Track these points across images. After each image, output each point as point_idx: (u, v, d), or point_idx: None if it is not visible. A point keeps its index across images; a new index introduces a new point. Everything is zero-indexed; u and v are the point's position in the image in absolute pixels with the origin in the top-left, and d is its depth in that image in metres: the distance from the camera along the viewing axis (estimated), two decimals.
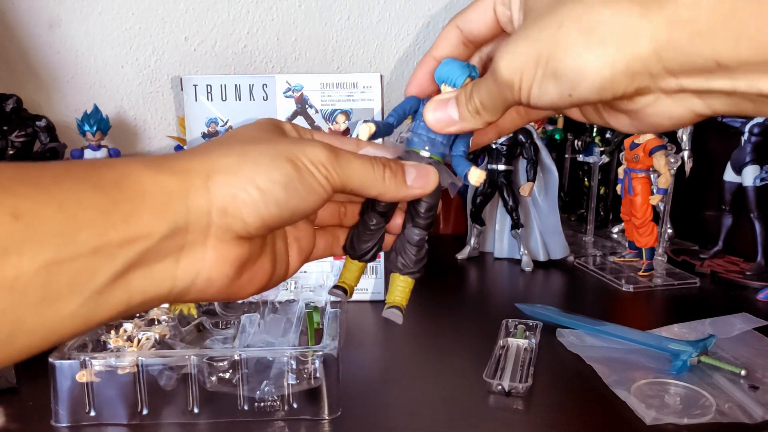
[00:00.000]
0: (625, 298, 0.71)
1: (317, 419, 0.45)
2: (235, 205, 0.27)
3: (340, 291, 0.36)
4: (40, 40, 0.96)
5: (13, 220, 0.21)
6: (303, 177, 0.28)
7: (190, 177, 0.26)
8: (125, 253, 0.24)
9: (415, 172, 0.33)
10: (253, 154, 0.28)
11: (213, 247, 0.27)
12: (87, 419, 0.45)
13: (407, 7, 1.07)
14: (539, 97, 0.28)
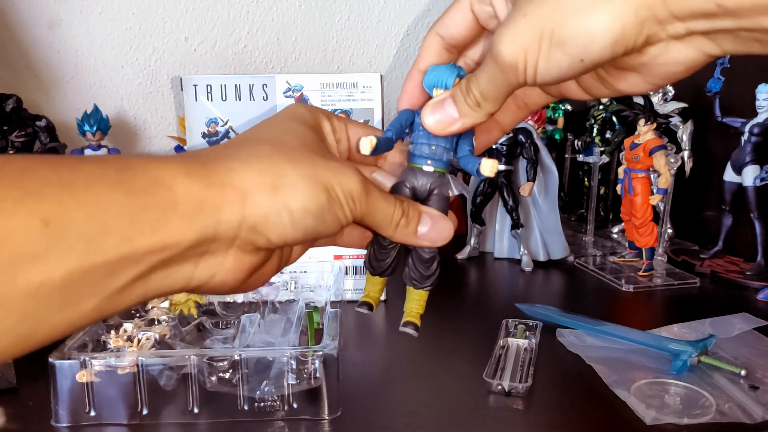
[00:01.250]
0: (625, 298, 0.71)
1: (317, 419, 0.45)
2: (265, 226, 0.27)
3: (365, 308, 0.36)
4: (40, 40, 0.96)
5: (43, 226, 0.21)
6: (332, 208, 0.28)
7: (226, 192, 0.26)
8: (150, 259, 0.24)
9: (430, 224, 0.33)
10: (291, 176, 0.28)
11: (233, 255, 0.27)
12: (87, 419, 0.45)
13: (407, 7, 1.07)
14: (548, 70, 0.27)
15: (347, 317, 0.64)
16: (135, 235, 0.23)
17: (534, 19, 0.27)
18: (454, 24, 0.32)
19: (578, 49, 0.26)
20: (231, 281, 0.28)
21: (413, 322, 0.36)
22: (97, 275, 0.23)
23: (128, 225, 0.23)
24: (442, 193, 0.34)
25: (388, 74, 1.09)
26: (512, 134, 0.81)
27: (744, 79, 0.76)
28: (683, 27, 0.26)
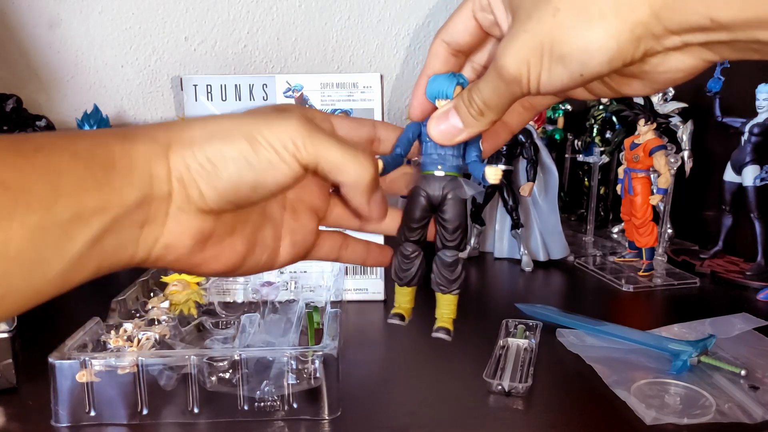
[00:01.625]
0: (625, 298, 0.71)
1: (317, 419, 0.45)
2: (189, 176, 0.28)
3: (396, 319, 0.37)
4: (41, 40, 0.96)
5: (3, 190, 0.23)
6: (260, 153, 0.28)
7: (153, 146, 0.28)
8: (99, 219, 0.25)
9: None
10: (211, 128, 0.29)
11: (174, 215, 0.28)
12: (87, 419, 0.45)
13: (407, 7, 1.07)
14: (550, 83, 0.28)
15: (347, 317, 0.64)
16: (82, 195, 0.25)
17: (534, 36, 0.28)
18: (458, 31, 0.33)
19: (577, 64, 0.27)
20: (175, 245, 0.29)
21: (445, 327, 0.37)
22: (56, 235, 0.24)
23: (77, 184, 0.25)
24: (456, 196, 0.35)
25: (388, 74, 1.09)
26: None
27: (744, 79, 0.76)
28: (679, 40, 0.26)
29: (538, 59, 0.28)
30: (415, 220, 0.35)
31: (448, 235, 0.35)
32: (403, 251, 0.36)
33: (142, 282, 0.61)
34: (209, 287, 0.63)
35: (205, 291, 0.61)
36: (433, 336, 0.36)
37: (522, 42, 0.28)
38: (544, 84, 0.28)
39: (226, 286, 0.65)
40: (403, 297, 0.38)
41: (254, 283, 0.64)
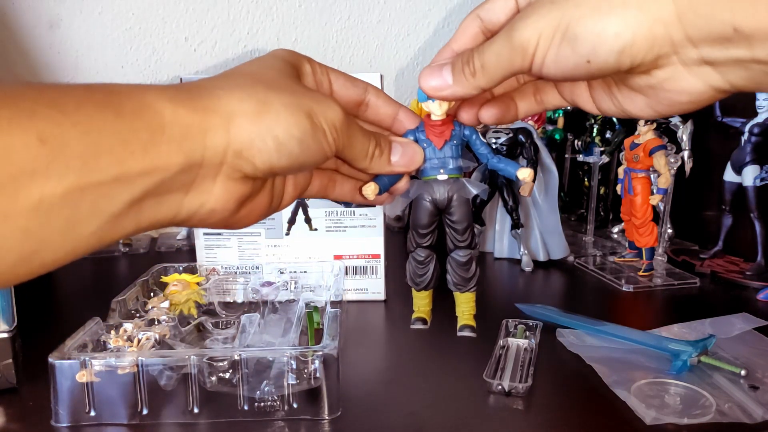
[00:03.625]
0: (625, 298, 0.71)
1: (317, 419, 0.45)
2: (250, 151, 0.28)
3: (419, 324, 0.38)
4: (40, 40, 0.96)
5: (40, 144, 0.21)
6: (317, 135, 0.29)
7: (210, 116, 0.27)
8: (142, 182, 0.25)
9: (400, 151, 0.34)
10: (275, 104, 0.28)
11: (221, 183, 0.28)
12: (87, 419, 0.45)
13: (407, 7, 1.07)
14: (555, 62, 0.28)
15: (347, 317, 0.64)
16: (127, 156, 0.24)
17: (555, 9, 0.27)
18: (496, 9, 0.33)
19: (587, 48, 0.27)
20: (220, 210, 0.29)
21: (469, 324, 0.37)
22: (95, 195, 0.23)
23: (120, 145, 0.24)
24: (461, 197, 0.35)
25: (388, 74, 1.09)
26: (512, 134, 0.81)
27: None
28: (695, 53, 0.26)
29: (550, 34, 0.27)
30: (424, 226, 0.35)
31: (459, 236, 0.35)
32: (417, 257, 0.37)
33: (142, 282, 0.61)
34: (209, 287, 0.63)
35: (205, 291, 0.61)
36: (459, 335, 0.37)
37: (541, 14, 0.28)
38: (549, 62, 0.28)
39: (226, 286, 0.65)
40: (421, 301, 0.38)
41: (254, 283, 0.64)
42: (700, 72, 0.26)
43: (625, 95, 0.31)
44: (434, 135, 0.35)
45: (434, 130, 0.35)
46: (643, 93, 0.29)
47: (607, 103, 0.32)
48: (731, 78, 0.26)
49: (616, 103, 0.32)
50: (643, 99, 0.30)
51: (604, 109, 0.33)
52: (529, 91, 0.36)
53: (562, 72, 0.28)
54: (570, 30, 0.27)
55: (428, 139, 0.35)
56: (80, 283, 0.77)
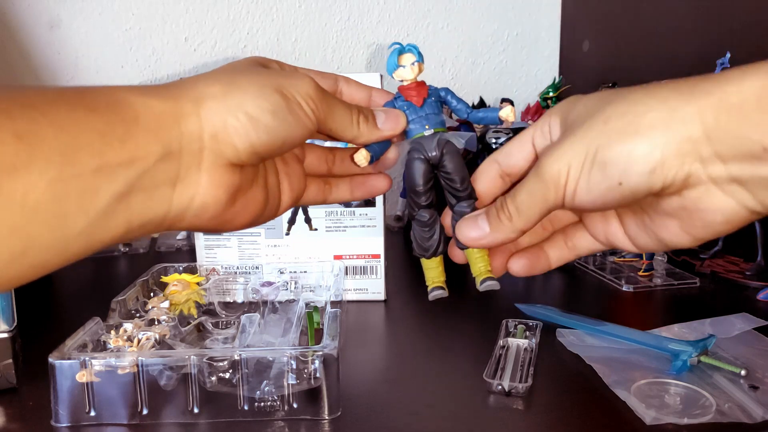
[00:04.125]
0: (625, 298, 0.71)
1: (317, 419, 0.45)
2: (225, 131, 0.28)
3: (439, 290, 0.37)
4: (41, 40, 0.96)
5: (17, 140, 0.22)
6: (291, 107, 0.29)
7: (181, 102, 0.27)
8: (124, 173, 0.25)
9: (384, 116, 0.35)
10: (241, 82, 0.29)
11: (207, 171, 0.28)
12: (87, 419, 0.45)
13: (407, 8, 1.07)
14: (587, 190, 0.28)
15: (347, 317, 0.64)
16: (105, 149, 0.24)
17: (582, 141, 0.28)
18: (514, 156, 0.34)
19: (618, 171, 0.27)
20: (212, 202, 0.28)
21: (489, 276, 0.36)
22: (78, 189, 0.23)
23: (97, 139, 0.24)
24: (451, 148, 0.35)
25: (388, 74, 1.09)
26: (512, 134, 0.81)
27: None
28: (725, 171, 0.25)
29: (579, 163, 0.28)
30: (421, 184, 0.35)
31: (458, 186, 0.35)
32: (420, 219, 0.36)
33: (142, 282, 0.61)
34: (209, 287, 0.63)
35: (205, 291, 0.61)
36: (481, 289, 0.36)
37: (567, 146, 0.28)
38: (581, 190, 0.28)
39: (226, 286, 0.65)
40: (432, 271, 0.37)
41: (254, 283, 0.64)
42: (731, 190, 0.26)
43: (657, 223, 0.30)
44: (412, 97, 0.36)
45: (411, 92, 0.36)
46: (676, 217, 0.29)
47: (642, 237, 0.32)
48: (762, 197, 0.26)
49: (650, 234, 0.31)
50: (677, 224, 0.29)
51: (641, 244, 0.32)
52: (559, 238, 0.36)
53: (594, 199, 0.28)
54: (599, 156, 0.27)
55: (407, 101, 0.36)
56: (80, 283, 0.77)
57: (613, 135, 0.27)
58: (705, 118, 0.25)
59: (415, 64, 0.36)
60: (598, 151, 0.27)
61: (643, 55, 0.95)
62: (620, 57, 1.01)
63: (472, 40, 1.11)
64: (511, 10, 1.11)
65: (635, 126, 0.26)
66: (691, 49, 0.85)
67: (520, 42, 1.13)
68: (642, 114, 0.26)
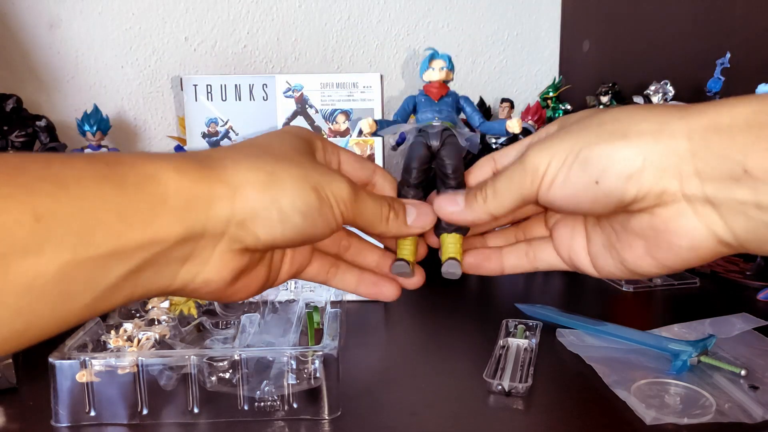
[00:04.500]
0: (625, 298, 0.71)
1: (317, 419, 0.45)
2: (254, 222, 0.27)
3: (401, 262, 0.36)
4: (41, 40, 0.96)
5: (34, 221, 0.21)
6: (323, 209, 0.29)
7: (216, 186, 0.26)
8: (140, 255, 0.24)
9: (415, 213, 0.34)
10: (282, 175, 0.28)
11: (220, 253, 0.27)
12: (87, 419, 0.45)
13: (407, 7, 1.07)
14: (563, 185, 0.29)
15: (347, 317, 0.64)
16: (125, 230, 0.23)
17: (571, 138, 0.29)
18: (510, 155, 0.34)
19: (597, 170, 0.27)
20: (216, 281, 0.28)
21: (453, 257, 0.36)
22: (89, 269, 0.23)
23: (118, 219, 0.23)
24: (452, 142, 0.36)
25: (388, 74, 1.09)
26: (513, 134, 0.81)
27: (744, 79, 0.76)
28: (701, 190, 0.26)
29: (563, 158, 0.28)
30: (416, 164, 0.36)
31: (449, 173, 0.36)
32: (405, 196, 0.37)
33: None
34: None
35: None
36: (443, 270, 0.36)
37: (556, 141, 0.29)
38: (557, 184, 0.29)
39: None
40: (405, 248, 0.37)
41: None
42: (704, 214, 0.26)
43: (624, 242, 0.30)
44: (432, 92, 0.38)
45: (432, 89, 0.39)
46: (643, 237, 0.29)
47: (604, 258, 0.32)
48: (733, 226, 0.26)
49: (614, 255, 0.31)
50: (642, 245, 0.29)
51: (601, 266, 0.33)
52: (522, 247, 0.37)
53: (568, 195, 0.29)
54: (582, 153, 0.28)
55: (426, 95, 0.39)
56: None
57: (602, 136, 0.27)
58: (693, 134, 0.26)
59: (444, 69, 0.39)
60: (583, 149, 0.28)
61: (643, 55, 0.95)
62: (620, 57, 1.01)
63: (472, 40, 1.11)
64: (511, 10, 1.11)
65: (625, 130, 0.27)
66: (691, 49, 0.85)
67: (520, 42, 1.13)
68: (635, 122, 0.27)
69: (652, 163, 0.26)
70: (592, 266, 0.33)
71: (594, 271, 0.33)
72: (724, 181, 0.25)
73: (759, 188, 0.24)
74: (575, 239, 0.34)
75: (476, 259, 0.36)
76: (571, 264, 0.34)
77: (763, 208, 0.24)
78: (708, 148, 0.25)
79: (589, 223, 0.33)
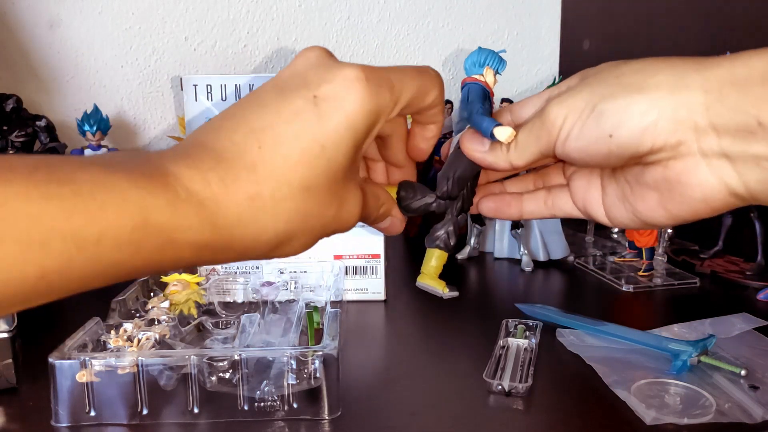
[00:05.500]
0: (625, 298, 0.71)
1: (317, 419, 0.45)
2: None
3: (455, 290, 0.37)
4: (40, 40, 0.96)
5: None
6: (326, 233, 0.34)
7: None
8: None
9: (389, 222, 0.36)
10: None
11: None
12: (87, 419, 0.45)
13: (407, 7, 1.07)
14: (578, 137, 0.28)
15: (347, 317, 0.64)
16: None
17: (589, 90, 0.28)
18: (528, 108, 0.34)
19: (611, 123, 0.27)
20: None
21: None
22: None
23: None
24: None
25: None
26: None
27: None
28: (716, 143, 0.26)
29: (579, 110, 0.28)
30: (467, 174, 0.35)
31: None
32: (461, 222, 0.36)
33: (142, 282, 0.61)
34: (209, 287, 0.63)
35: (205, 291, 0.61)
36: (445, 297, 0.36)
37: (575, 93, 0.29)
38: (572, 136, 0.29)
39: (226, 286, 0.65)
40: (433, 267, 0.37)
41: (254, 283, 0.64)
42: (718, 166, 0.26)
43: (637, 194, 0.30)
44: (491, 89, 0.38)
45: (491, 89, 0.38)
46: (657, 189, 0.29)
47: (618, 209, 0.32)
48: (747, 178, 0.26)
49: (627, 206, 0.31)
50: (656, 197, 0.29)
51: (615, 216, 0.33)
52: (541, 194, 0.36)
53: (582, 147, 0.29)
54: (599, 106, 0.28)
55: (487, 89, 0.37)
56: None
57: (618, 88, 0.27)
58: (709, 87, 0.25)
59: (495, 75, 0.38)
60: (599, 102, 0.28)
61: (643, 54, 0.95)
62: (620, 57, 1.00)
63: (472, 40, 1.11)
64: (511, 10, 1.11)
65: (641, 83, 0.27)
66: (691, 48, 0.85)
67: (520, 42, 1.13)
68: (651, 74, 0.27)
69: (667, 117, 0.26)
70: (605, 216, 0.33)
71: (607, 221, 0.33)
72: (739, 134, 0.25)
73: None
74: (591, 190, 0.34)
75: (497, 204, 0.36)
76: (586, 213, 0.34)
77: None
78: (723, 102, 0.25)
79: (605, 175, 0.33)
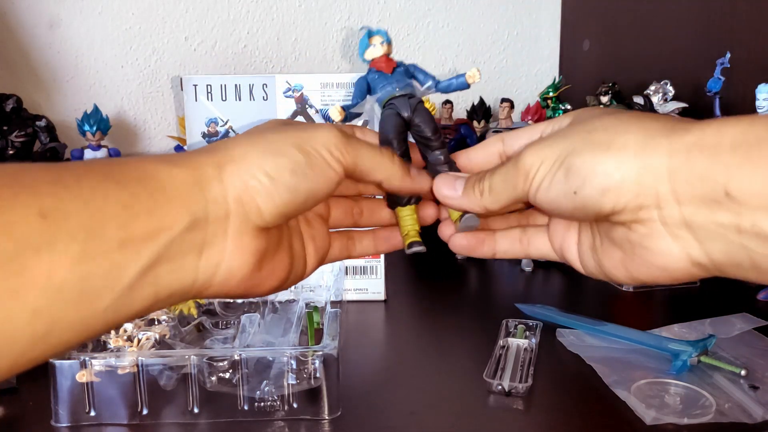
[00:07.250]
0: (625, 298, 0.71)
1: (317, 419, 0.45)
2: (248, 193, 0.28)
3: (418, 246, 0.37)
4: (40, 40, 0.96)
5: (41, 219, 0.21)
6: (312, 161, 0.29)
7: (203, 169, 0.27)
8: (150, 246, 0.24)
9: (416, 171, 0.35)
10: (260, 142, 0.29)
11: (233, 238, 0.28)
12: (87, 419, 0.45)
13: (407, 7, 1.07)
14: (547, 190, 0.29)
15: (347, 317, 0.64)
16: (130, 221, 0.24)
17: (563, 142, 0.29)
18: (520, 139, 0.34)
19: (577, 180, 0.27)
20: (238, 267, 0.28)
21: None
22: (104, 266, 0.23)
23: (122, 212, 0.24)
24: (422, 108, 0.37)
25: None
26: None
27: (744, 79, 0.76)
28: (678, 212, 0.25)
29: (551, 162, 0.28)
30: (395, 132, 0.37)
31: (429, 135, 0.37)
32: None
33: None
34: None
35: None
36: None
37: (548, 144, 0.29)
38: (542, 188, 0.29)
39: None
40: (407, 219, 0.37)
41: None
42: (680, 235, 0.26)
43: (605, 248, 0.30)
44: (382, 67, 0.39)
45: (381, 64, 0.39)
46: (621, 248, 0.29)
47: (588, 259, 0.32)
48: (710, 249, 0.25)
49: (595, 258, 0.31)
50: (619, 254, 0.29)
51: (585, 265, 0.33)
52: (516, 232, 0.36)
53: (551, 200, 0.29)
54: (568, 160, 0.28)
55: (378, 71, 0.39)
56: None
57: (588, 145, 0.27)
58: (676, 153, 0.25)
59: (384, 43, 0.39)
60: (569, 156, 0.28)
61: (643, 55, 0.95)
62: (620, 57, 1.01)
63: (472, 40, 1.11)
64: (511, 10, 1.11)
65: (609, 142, 0.27)
66: (691, 48, 0.85)
67: (520, 42, 1.13)
68: (621, 133, 0.27)
69: (631, 179, 0.26)
70: (579, 264, 0.33)
71: (580, 267, 0.33)
72: (703, 204, 0.24)
73: (740, 211, 0.23)
74: (569, 234, 0.34)
75: (470, 243, 0.36)
76: (561, 256, 0.34)
77: (744, 232, 0.24)
78: (688, 168, 0.24)
79: (582, 223, 0.33)
